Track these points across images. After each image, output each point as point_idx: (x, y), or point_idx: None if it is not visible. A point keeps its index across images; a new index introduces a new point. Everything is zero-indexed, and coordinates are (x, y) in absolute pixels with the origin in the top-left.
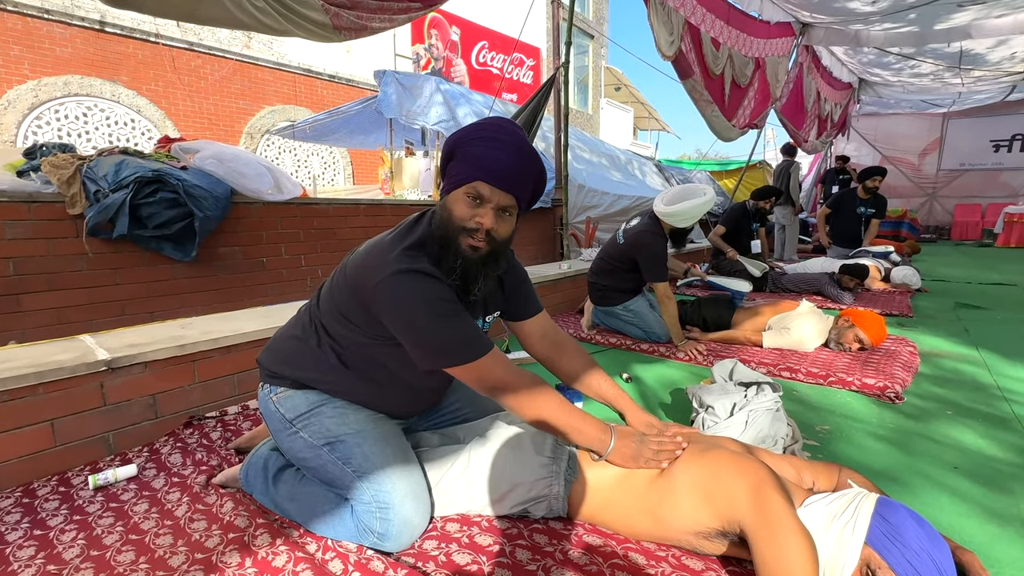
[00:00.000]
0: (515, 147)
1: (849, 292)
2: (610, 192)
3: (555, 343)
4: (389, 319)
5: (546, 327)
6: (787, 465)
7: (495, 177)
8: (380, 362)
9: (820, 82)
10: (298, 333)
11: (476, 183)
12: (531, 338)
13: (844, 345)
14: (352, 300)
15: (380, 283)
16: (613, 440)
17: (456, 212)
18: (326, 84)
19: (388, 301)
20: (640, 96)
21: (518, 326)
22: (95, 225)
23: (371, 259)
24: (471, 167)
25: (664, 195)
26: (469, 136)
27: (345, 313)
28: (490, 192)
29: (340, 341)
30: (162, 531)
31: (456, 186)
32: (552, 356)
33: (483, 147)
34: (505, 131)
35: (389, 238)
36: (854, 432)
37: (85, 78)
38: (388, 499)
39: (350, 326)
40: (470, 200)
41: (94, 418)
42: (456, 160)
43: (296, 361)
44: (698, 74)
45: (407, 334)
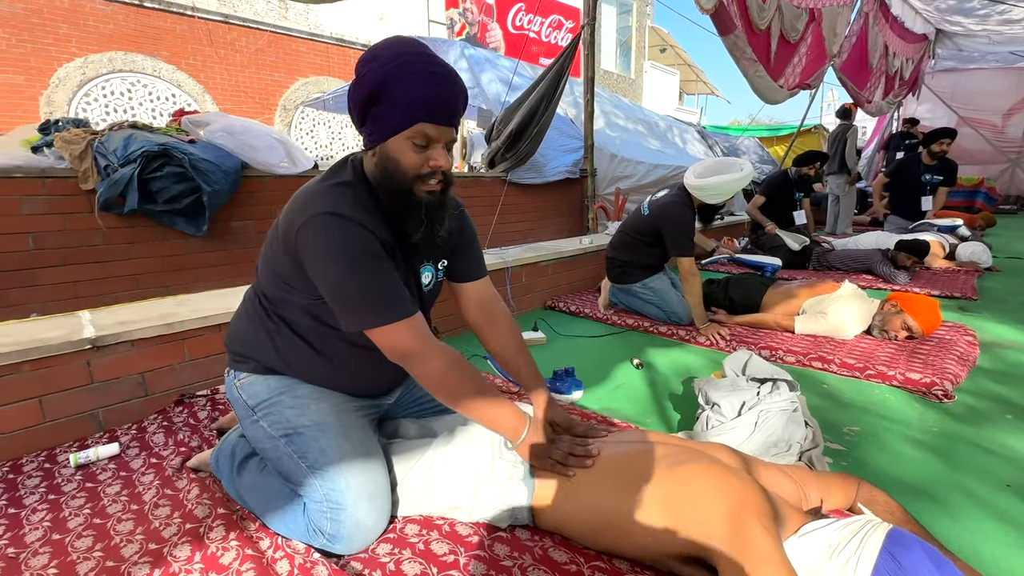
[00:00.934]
0: (446, 76)
1: (904, 271)
2: (645, 161)
3: (490, 314)
4: (310, 268)
5: (485, 295)
6: (787, 480)
7: (439, 116)
8: (326, 324)
9: (889, 34)
10: (248, 308)
11: (420, 126)
12: (468, 304)
13: (889, 333)
14: (283, 255)
15: (302, 227)
16: (526, 432)
17: (405, 162)
18: (359, 53)
19: (306, 247)
20: (687, 58)
21: (458, 287)
22: (107, 200)
23: (293, 204)
24: (409, 110)
25: (696, 167)
26: (393, 75)
27: (280, 272)
28: (437, 132)
29: (281, 305)
30: (125, 516)
31: (394, 132)
32: (483, 327)
33: (418, 87)
34: (433, 60)
35: (313, 181)
36: (888, 435)
37: (128, 54)
38: (340, 499)
39: (287, 287)
40: (416, 146)
41: (82, 395)
42: (384, 104)
43: (249, 339)
44: (740, 29)
45: (323, 285)
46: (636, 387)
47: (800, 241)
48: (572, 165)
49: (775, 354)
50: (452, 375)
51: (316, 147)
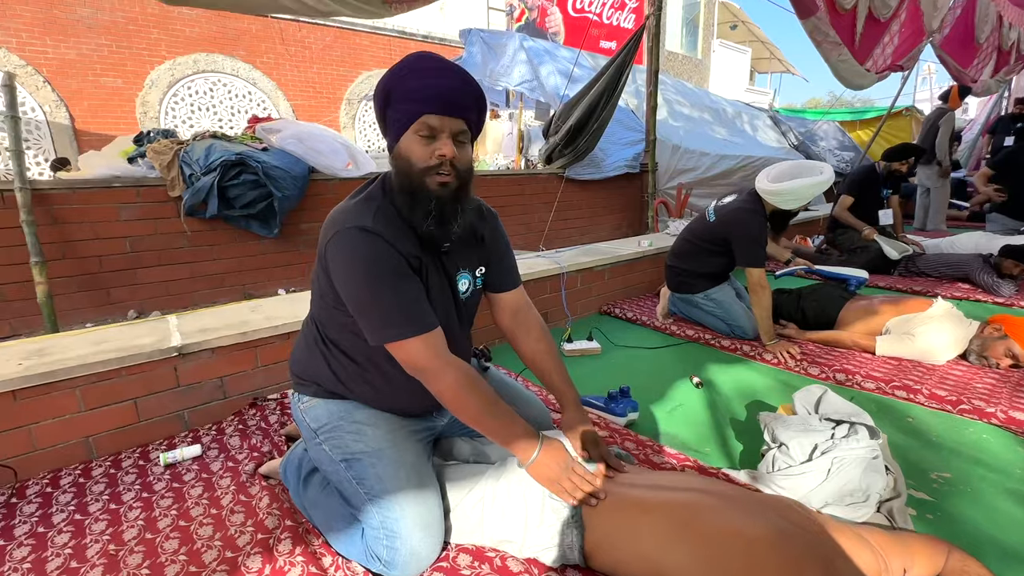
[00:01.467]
0: (447, 69)
1: (1010, 280)
2: (711, 152)
3: (523, 321)
4: (335, 280)
5: (519, 303)
6: (866, 550)
7: (440, 105)
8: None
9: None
10: (305, 333)
11: (424, 117)
12: (503, 312)
13: (990, 360)
14: (322, 273)
15: (328, 243)
16: (537, 453)
17: (415, 155)
18: (420, 45)
19: (333, 261)
20: (760, 34)
21: (495, 297)
22: (191, 206)
23: (327, 220)
24: (412, 104)
25: (770, 170)
26: (396, 76)
27: (322, 293)
28: (440, 122)
29: (330, 326)
30: (206, 520)
31: (403, 129)
32: (517, 334)
33: (416, 80)
34: (430, 58)
35: (347, 197)
36: (984, 485)
37: (210, 55)
38: (396, 527)
39: (331, 308)
40: (422, 139)
41: (170, 397)
42: (393, 104)
43: (309, 362)
44: (823, 10)
45: (347, 298)
46: (695, 409)
47: (901, 250)
48: (632, 159)
49: (851, 378)
50: (464, 391)
51: (378, 138)
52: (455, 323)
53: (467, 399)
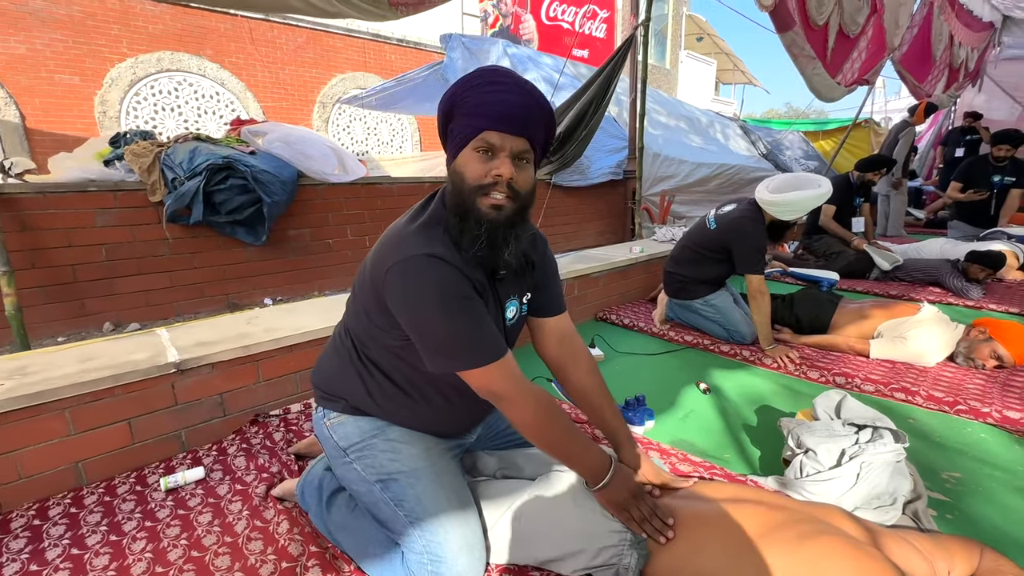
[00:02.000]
0: (516, 85)
1: (977, 284)
2: (688, 160)
3: (571, 352)
4: (397, 311)
5: (565, 330)
6: (915, 555)
7: (503, 122)
8: (416, 365)
9: (955, 23)
10: (337, 347)
11: (484, 134)
12: (547, 339)
13: (976, 361)
14: (372, 297)
15: (389, 271)
16: (609, 476)
17: (469, 173)
18: (394, 49)
19: (396, 290)
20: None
21: (538, 323)
22: (174, 212)
23: (383, 245)
24: (474, 118)
25: (770, 182)
26: (463, 89)
27: (369, 314)
28: (501, 139)
29: (371, 347)
30: (221, 550)
31: (462, 145)
32: (564, 364)
33: (481, 94)
34: (500, 73)
35: (401, 222)
36: (994, 484)
37: (175, 53)
38: (441, 552)
39: (376, 329)
40: (481, 155)
41: (167, 417)
42: (456, 118)
43: (339, 378)
44: (799, 25)
45: (412, 327)
46: (706, 416)
47: (892, 260)
48: (616, 166)
49: (851, 381)
50: (542, 417)
51: (352, 143)
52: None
53: (548, 426)
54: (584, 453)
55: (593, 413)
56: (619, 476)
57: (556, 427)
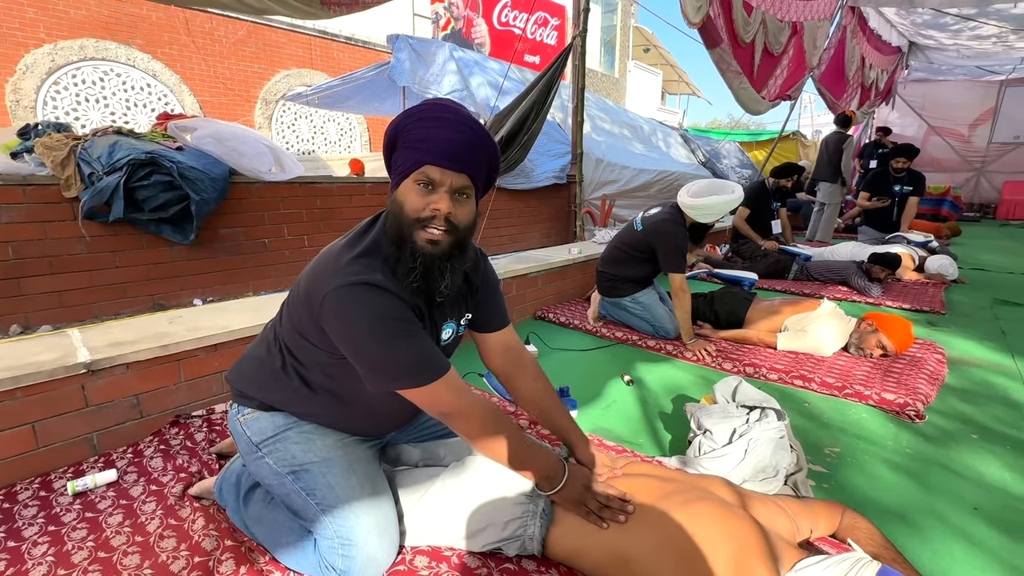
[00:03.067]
0: (460, 123)
1: (878, 283)
2: (630, 166)
3: (517, 362)
4: (335, 336)
5: (510, 342)
6: (782, 515)
7: (444, 157)
8: (343, 382)
9: (866, 47)
10: (262, 353)
11: (424, 168)
12: (493, 352)
13: (865, 351)
14: (306, 315)
15: (326, 296)
16: (564, 480)
17: (408, 204)
18: (342, 47)
19: (334, 316)
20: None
21: (482, 337)
22: (91, 208)
23: (320, 268)
24: (416, 152)
25: (690, 187)
26: (408, 120)
27: (301, 330)
28: (440, 174)
29: (301, 360)
30: (131, 549)
31: (404, 176)
32: (511, 375)
33: (425, 128)
34: (447, 108)
35: (340, 244)
36: (867, 457)
37: (100, 41)
38: (351, 535)
39: (307, 344)
40: (420, 188)
41: (77, 419)
42: (399, 149)
43: (261, 382)
44: (727, 42)
45: (353, 353)
46: (627, 405)
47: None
48: (559, 170)
49: (759, 371)
50: (491, 429)
51: (298, 141)
52: None
53: (498, 437)
54: (536, 460)
55: (543, 416)
56: (572, 477)
57: (506, 437)
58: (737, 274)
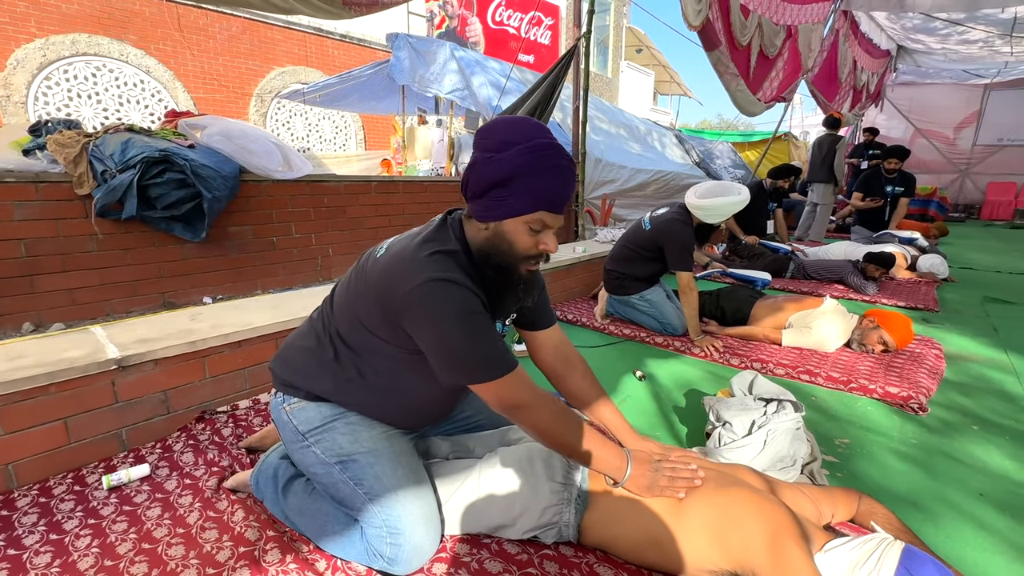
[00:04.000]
0: (570, 169)
1: (873, 282)
2: (628, 166)
3: (566, 359)
4: (416, 329)
5: (558, 341)
6: (806, 501)
7: (558, 207)
8: (401, 374)
9: (857, 50)
10: (312, 344)
11: (541, 214)
12: (543, 350)
13: (867, 347)
14: (375, 310)
15: (411, 291)
16: (629, 468)
17: (519, 243)
18: (337, 44)
19: (418, 310)
20: (662, 59)
21: (531, 335)
22: (104, 206)
23: (398, 265)
24: (535, 199)
25: (697, 188)
26: (531, 165)
27: (367, 324)
28: (553, 220)
29: (360, 352)
30: (174, 540)
31: (514, 214)
32: (560, 372)
33: (547, 179)
34: (562, 154)
35: (416, 242)
36: (876, 448)
37: (93, 36)
38: (399, 524)
39: (372, 337)
40: (532, 230)
41: (107, 415)
42: (514, 188)
43: (311, 373)
44: (724, 45)
45: (433, 347)
46: (642, 400)
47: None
48: None
49: (765, 366)
50: (558, 423)
51: (293, 139)
52: None
53: (565, 431)
54: (602, 452)
55: (593, 414)
56: (637, 464)
57: (572, 431)
58: (751, 274)
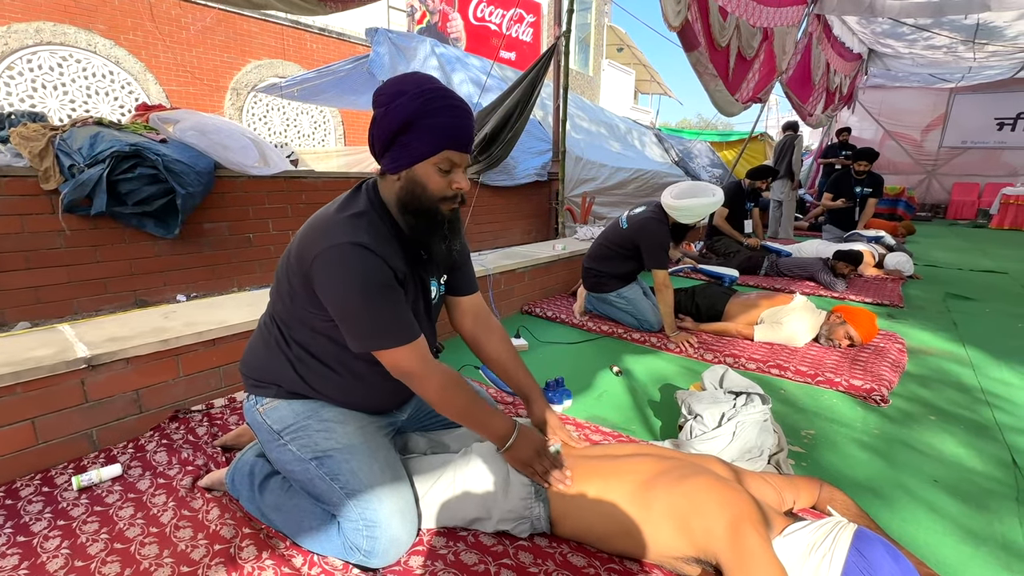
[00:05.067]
0: (467, 111)
1: (842, 279)
2: (608, 164)
3: (486, 325)
4: (322, 292)
5: (478, 308)
6: (769, 488)
7: (461, 144)
8: (340, 344)
9: (830, 53)
10: (263, 334)
11: (447, 153)
12: (463, 316)
13: (834, 342)
14: (297, 279)
15: (318, 255)
16: (513, 439)
17: (432, 185)
18: (316, 38)
19: (324, 274)
20: (643, 58)
21: (454, 301)
22: (71, 201)
23: (312, 230)
24: (438, 138)
25: (673, 189)
26: (424, 107)
27: (293, 294)
28: (460, 158)
29: (296, 328)
30: (148, 539)
31: (420, 158)
32: (479, 337)
33: (446, 117)
34: (453, 96)
35: (330, 210)
36: (839, 438)
37: (58, 25)
38: (375, 517)
39: (299, 309)
40: (440, 171)
41: (76, 415)
42: (415, 131)
43: (268, 364)
44: (704, 46)
45: (335, 310)
46: (618, 395)
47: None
48: (541, 168)
49: (738, 361)
50: (448, 391)
51: (270, 133)
52: (426, 324)
53: (453, 398)
54: (490, 420)
55: (507, 376)
56: (522, 437)
57: (461, 398)
58: (719, 270)
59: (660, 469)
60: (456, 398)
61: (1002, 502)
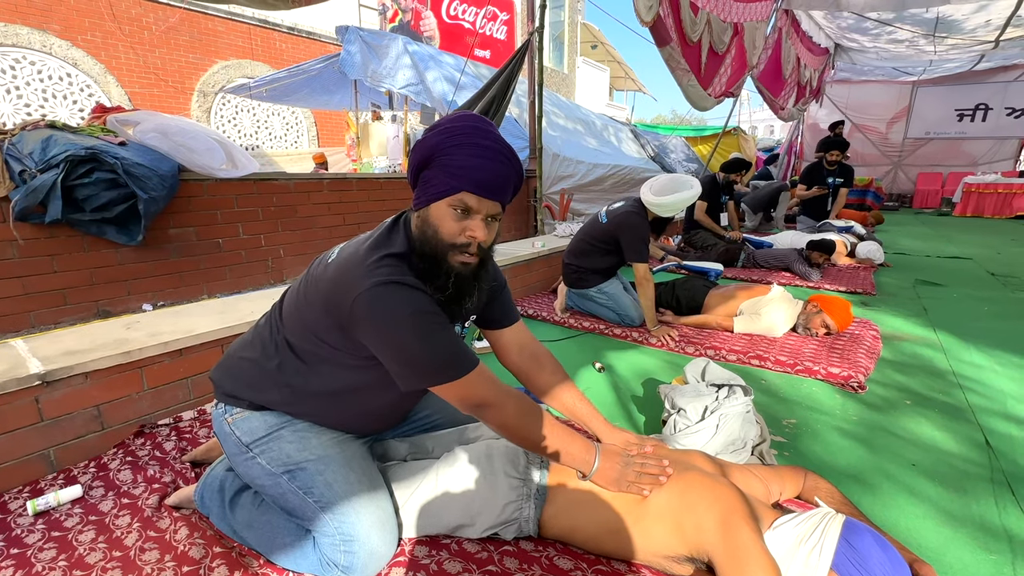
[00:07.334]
0: (498, 152)
1: (817, 268)
2: (585, 160)
3: (533, 356)
4: (368, 336)
5: (524, 339)
6: (756, 481)
7: (482, 187)
8: (356, 384)
9: (800, 47)
10: (256, 355)
11: (462, 195)
12: (508, 349)
13: (811, 331)
14: (325, 318)
15: (358, 297)
16: (597, 461)
17: (444, 228)
18: (285, 37)
19: (368, 317)
20: (617, 55)
21: (495, 335)
22: (23, 209)
23: (346, 272)
24: (454, 178)
25: (652, 183)
26: (447, 143)
27: (317, 333)
28: (478, 203)
29: (309, 361)
30: (110, 565)
31: (437, 197)
32: (529, 370)
33: (465, 155)
34: (485, 134)
35: (365, 247)
36: (820, 426)
37: (9, 26)
38: (353, 531)
39: (323, 345)
40: (456, 213)
41: (30, 435)
42: (434, 168)
43: (255, 384)
44: (676, 41)
45: (388, 352)
46: (601, 391)
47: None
48: None
49: (719, 353)
50: (524, 419)
51: (240, 136)
52: None
53: (531, 425)
54: (570, 446)
55: (566, 409)
56: (605, 457)
57: (539, 426)
58: (705, 266)
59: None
60: (533, 426)
61: (977, 483)
